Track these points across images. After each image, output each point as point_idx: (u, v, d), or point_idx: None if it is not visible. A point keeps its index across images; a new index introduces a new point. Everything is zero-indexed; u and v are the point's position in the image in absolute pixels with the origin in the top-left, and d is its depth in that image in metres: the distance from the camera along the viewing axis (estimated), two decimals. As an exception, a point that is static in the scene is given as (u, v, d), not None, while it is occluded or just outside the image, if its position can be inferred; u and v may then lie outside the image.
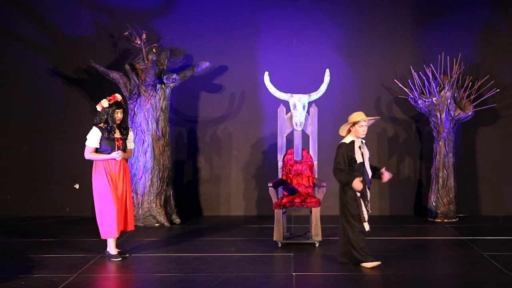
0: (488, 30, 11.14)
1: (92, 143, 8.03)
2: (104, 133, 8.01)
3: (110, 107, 8.06)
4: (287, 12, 11.19)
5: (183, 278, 7.26)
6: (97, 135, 8.02)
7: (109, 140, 8.03)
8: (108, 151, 8.03)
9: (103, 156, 8.02)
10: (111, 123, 8.06)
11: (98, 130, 8.02)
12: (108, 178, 7.98)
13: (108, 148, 8.03)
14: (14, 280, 7.12)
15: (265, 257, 8.24)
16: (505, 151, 11.21)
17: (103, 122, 8.06)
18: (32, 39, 11.15)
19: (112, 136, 8.06)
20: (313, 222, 8.72)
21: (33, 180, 11.20)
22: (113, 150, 8.04)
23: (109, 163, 8.03)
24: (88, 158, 8.09)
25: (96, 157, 8.03)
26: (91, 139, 8.03)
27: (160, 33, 10.91)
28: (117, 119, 8.08)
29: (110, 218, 7.96)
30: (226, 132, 11.28)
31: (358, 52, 11.19)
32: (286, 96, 9.28)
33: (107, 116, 8.04)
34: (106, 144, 8.03)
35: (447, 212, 10.59)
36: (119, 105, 8.12)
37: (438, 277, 7.35)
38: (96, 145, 8.02)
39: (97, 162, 8.04)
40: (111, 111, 8.04)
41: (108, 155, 8.01)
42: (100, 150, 8.04)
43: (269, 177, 10.63)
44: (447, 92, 10.52)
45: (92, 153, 8.03)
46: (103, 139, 8.01)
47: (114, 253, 8.09)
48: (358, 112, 7.71)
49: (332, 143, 11.10)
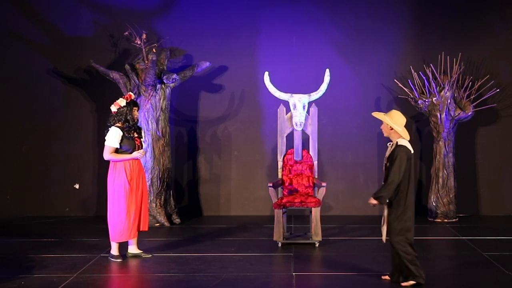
0: (488, 30, 11.14)
1: (113, 143, 7.89)
2: (124, 132, 7.93)
3: (128, 105, 8.01)
4: (287, 12, 11.19)
5: (183, 278, 7.25)
6: (119, 135, 7.90)
7: (130, 139, 7.96)
8: (129, 151, 7.93)
9: (124, 156, 7.91)
10: (131, 121, 7.99)
11: (119, 129, 7.93)
12: (128, 179, 7.89)
13: (130, 148, 7.93)
14: (14, 280, 7.11)
15: (265, 257, 8.24)
16: (505, 151, 11.21)
17: (121, 121, 7.97)
18: (32, 39, 11.15)
19: (132, 135, 8.00)
20: (313, 222, 8.72)
21: (33, 180, 11.20)
22: (134, 150, 7.95)
23: (129, 163, 7.94)
24: (108, 159, 7.97)
25: (116, 157, 7.91)
26: (111, 139, 7.90)
27: (160, 33, 10.91)
28: (136, 116, 8.05)
29: (126, 221, 7.89)
30: (226, 132, 11.28)
31: (358, 52, 11.19)
32: (286, 96, 9.28)
33: (126, 115, 7.96)
34: (127, 143, 7.93)
35: (447, 212, 10.59)
36: (135, 103, 8.10)
37: (438, 277, 7.35)
38: (117, 145, 7.90)
39: (117, 163, 7.93)
40: (128, 110, 7.99)
41: (130, 155, 7.91)
42: (122, 150, 7.93)
43: (269, 177, 10.64)
44: (447, 92, 10.52)
45: (113, 154, 7.90)
46: (123, 139, 7.92)
47: (116, 254, 8.05)
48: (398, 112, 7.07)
49: (332, 143, 11.18)
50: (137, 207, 7.97)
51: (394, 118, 6.91)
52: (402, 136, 6.88)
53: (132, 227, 7.93)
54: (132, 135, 7.99)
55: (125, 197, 7.87)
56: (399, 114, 6.96)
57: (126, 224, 7.91)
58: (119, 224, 7.91)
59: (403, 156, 6.73)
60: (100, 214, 11.17)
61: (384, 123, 6.96)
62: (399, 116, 6.94)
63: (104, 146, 7.96)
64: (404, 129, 6.92)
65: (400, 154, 6.73)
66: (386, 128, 6.96)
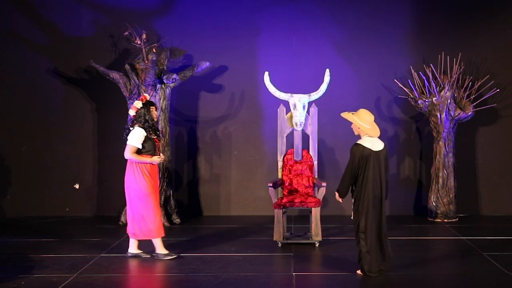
0: (488, 30, 11.14)
1: (136, 142, 7.89)
2: (146, 132, 7.93)
3: (144, 106, 8.01)
4: (287, 12, 11.19)
5: (183, 278, 7.26)
6: (143, 135, 7.90)
7: (151, 140, 7.97)
8: (151, 151, 7.93)
9: (145, 159, 7.89)
10: (150, 121, 7.99)
11: (143, 129, 7.93)
12: (149, 180, 7.90)
13: (151, 149, 7.94)
14: (14, 280, 7.12)
15: (265, 257, 8.24)
16: (505, 151, 11.21)
17: (141, 123, 7.96)
18: (32, 39, 11.15)
19: (152, 135, 8.00)
20: (313, 222, 8.72)
21: (33, 180, 11.20)
22: (154, 151, 7.96)
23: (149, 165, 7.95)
24: (129, 158, 7.95)
25: (137, 159, 7.89)
26: (135, 139, 7.89)
27: (160, 33, 10.90)
28: (155, 116, 8.06)
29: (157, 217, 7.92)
30: (226, 132, 11.28)
31: (358, 52, 11.19)
32: (286, 96, 9.28)
33: (144, 116, 7.96)
34: (149, 144, 7.94)
35: (447, 212, 10.59)
36: (152, 103, 8.11)
37: (438, 277, 7.35)
38: (139, 145, 7.90)
39: (138, 164, 7.91)
40: (146, 110, 7.99)
41: (150, 159, 7.90)
42: (144, 150, 7.92)
43: (269, 177, 10.64)
44: (447, 92, 10.53)
45: (134, 154, 7.89)
46: (146, 139, 7.92)
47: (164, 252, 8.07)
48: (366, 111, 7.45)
49: (332, 143, 11.18)
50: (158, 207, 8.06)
51: (361, 117, 7.28)
52: (369, 134, 7.22)
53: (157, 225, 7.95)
54: (153, 135, 8.01)
55: (150, 196, 7.90)
56: (366, 113, 7.32)
57: (158, 219, 7.94)
58: (153, 222, 7.91)
59: (355, 153, 7.17)
60: (100, 214, 11.19)
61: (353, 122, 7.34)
62: (366, 114, 7.30)
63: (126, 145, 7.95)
64: (374, 127, 7.28)
65: (352, 151, 7.20)
66: (355, 127, 7.34)
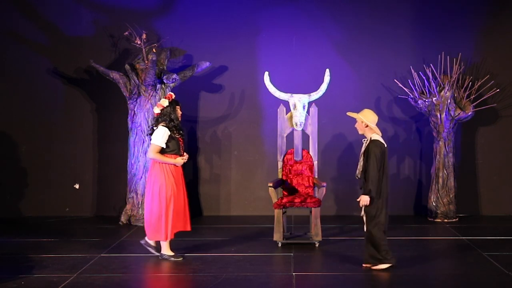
0: (488, 30, 11.14)
1: (160, 142, 7.88)
2: (170, 132, 7.92)
3: (171, 105, 8.01)
4: (287, 12, 11.19)
5: (183, 278, 7.26)
6: (166, 134, 7.89)
7: (175, 139, 7.95)
8: (175, 151, 7.92)
9: (168, 160, 7.87)
10: (175, 120, 7.99)
11: (167, 129, 7.92)
12: (173, 180, 7.88)
13: (175, 148, 7.93)
14: (14, 280, 7.11)
15: (265, 257, 8.24)
16: (505, 151, 11.21)
17: (166, 121, 7.96)
18: (32, 39, 11.15)
19: (176, 135, 7.98)
20: (313, 222, 8.72)
21: (33, 180, 11.19)
22: (178, 150, 7.95)
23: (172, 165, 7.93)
24: (152, 158, 7.95)
25: (161, 159, 7.87)
26: (159, 138, 7.88)
27: (160, 33, 10.91)
28: (179, 115, 8.06)
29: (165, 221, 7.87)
30: (226, 132, 11.28)
31: (358, 52, 11.19)
32: (286, 96, 9.28)
33: (170, 115, 7.96)
34: (173, 143, 7.93)
35: (447, 212, 10.59)
36: (177, 102, 8.10)
37: (438, 277, 7.35)
38: (163, 145, 7.88)
39: (162, 164, 7.90)
40: (172, 109, 7.99)
41: (174, 161, 7.88)
42: (168, 149, 7.91)
43: (269, 177, 10.63)
44: (447, 92, 10.53)
45: (157, 154, 7.88)
46: (170, 139, 7.91)
47: (170, 254, 8.03)
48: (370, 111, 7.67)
49: (332, 143, 11.18)
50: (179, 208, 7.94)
51: (367, 116, 7.51)
52: (376, 132, 7.47)
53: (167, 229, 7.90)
54: (177, 134, 7.99)
55: (171, 197, 7.86)
56: (371, 113, 7.57)
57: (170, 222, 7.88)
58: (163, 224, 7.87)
59: (377, 150, 7.33)
60: (100, 214, 11.19)
61: (358, 121, 7.55)
62: (371, 114, 7.55)
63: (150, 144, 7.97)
64: (376, 127, 7.52)
65: (374, 149, 7.33)
66: (360, 126, 7.55)
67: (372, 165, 7.30)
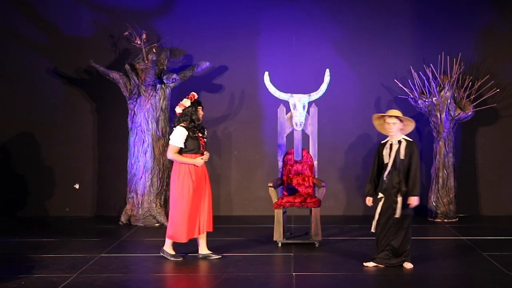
0: (488, 30, 11.14)
1: (178, 142, 7.86)
2: (190, 132, 7.91)
3: (192, 105, 7.99)
4: (287, 12, 11.19)
5: (183, 278, 7.26)
6: (184, 134, 7.87)
7: (194, 139, 7.92)
8: (195, 150, 7.90)
9: (187, 160, 7.84)
10: (196, 121, 7.97)
11: (184, 129, 7.90)
12: (193, 179, 7.85)
13: (194, 147, 7.90)
14: (14, 280, 7.11)
15: (265, 257, 8.24)
16: (505, 151, 11.21)
17: (187, 121, 7.94)
18: (32, 39, 11.15)
19: (196, 134, 7.96)
20: (313, 222, 8.72)
21: (33, 180, 11.20)
22: (198, 149, 7.93)
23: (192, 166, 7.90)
24: (171, 158, 7.95)
25: (180, 159, 7.86)
26: (176, 138, 7.87)
27: (160, 33, 10.91)
28: (201, 116, 8.04)
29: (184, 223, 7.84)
30: (226, 132, 11.28)
31: (358, 52, 11.19)
32: (286, 96, 9.28)
33: (191, 115, 7.94)
34: (192, 143, 7.90)
35: (447, 212, 10.59)
36: (199, 102, 8.08)
37: (438, 277, 7.35)
38: (181, 145, 7.87)
39: (181, 164, 7.89)
40: (193, 109, 7.97)
41: (193, 161, 7.85)
42: (187, 149, 7.89)
43: (269, 177, 10.63)
44: (447, 92, 10.53)
45: (176, 154, 7.87)
46: (188, 139, 7.89)
47: (171, 253, 8.03)
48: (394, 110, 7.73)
49: (332, 143, 11.18)
50: (199, 209, 7.92)
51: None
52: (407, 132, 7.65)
53: (188, 230, 7.86)
54: (197, 134, 7.97)
55: (188, 199, 7.83)
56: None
57: (185, 225, 7.84)
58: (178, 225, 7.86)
59: (417, 149, 7.56)
60: (100, 214, 11.19)
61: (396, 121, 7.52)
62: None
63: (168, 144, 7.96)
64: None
65: (416, 149, 7.53)
66: (400, 125, 7.56)
67: (417, 165, 7.44)
